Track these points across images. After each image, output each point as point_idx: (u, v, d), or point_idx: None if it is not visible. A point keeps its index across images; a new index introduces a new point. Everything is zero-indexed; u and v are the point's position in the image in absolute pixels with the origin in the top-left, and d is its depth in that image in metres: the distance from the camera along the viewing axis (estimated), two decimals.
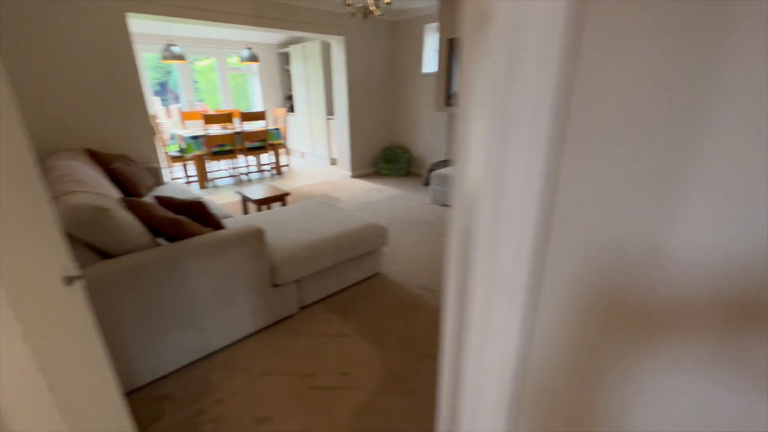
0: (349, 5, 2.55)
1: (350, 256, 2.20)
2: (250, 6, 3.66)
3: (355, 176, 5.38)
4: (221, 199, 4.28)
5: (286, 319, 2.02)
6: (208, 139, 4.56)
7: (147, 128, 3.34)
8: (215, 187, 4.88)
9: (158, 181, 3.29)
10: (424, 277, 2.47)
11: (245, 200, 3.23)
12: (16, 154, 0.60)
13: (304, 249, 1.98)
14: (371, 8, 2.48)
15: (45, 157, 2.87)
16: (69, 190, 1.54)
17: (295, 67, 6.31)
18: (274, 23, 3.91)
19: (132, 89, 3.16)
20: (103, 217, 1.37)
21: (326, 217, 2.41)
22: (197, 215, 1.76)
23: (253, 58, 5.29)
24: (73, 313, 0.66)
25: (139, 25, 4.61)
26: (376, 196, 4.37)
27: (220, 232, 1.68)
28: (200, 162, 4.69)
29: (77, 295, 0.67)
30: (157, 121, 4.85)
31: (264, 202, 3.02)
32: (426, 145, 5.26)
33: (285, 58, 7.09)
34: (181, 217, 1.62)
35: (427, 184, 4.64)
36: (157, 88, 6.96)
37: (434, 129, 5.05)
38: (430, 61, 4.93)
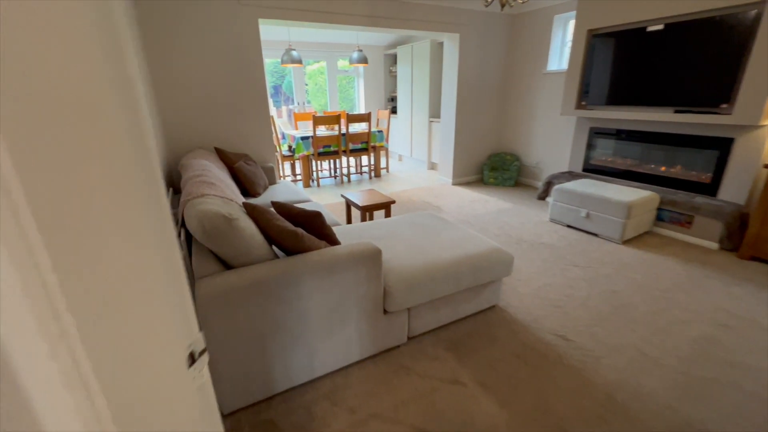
0: None
1: (470, 286, 1.88)
2: (367, 7, 3.58)
3: (456, 183, 5.02)
4: (324, 200, 4.34)
5: (393, 350, 1.79)
6: (315, 140, 4.68)
7: (267, 130, 3.49)
8: (318, 186, 5.00)
9: (272, 180, 3.40)
10: (555, 318, 2.02)
11: (349, 204, 3.14)
12: (155, 199, 0.42)
13: (420, 273, 1.72)
14: None
15: (182, 154, 3.15)
16: (200, 193, 1.52)
17: (401, 68, 6.19)
18: (390, 23, 3.77)
19: (258, 93, 3.31)
20: (229, 227, 1.30)
21: (440, 234, 2.12)
22: (313, 227, 1.63)
23: (363, 60, 5.29)
24: (199, 400, 0.49)
25: (262, 31, 4.93)
26: (482, 209, 3.95)
27: (336, 249, 1.52)
28: (307, 161, 4.85)
29: (204, 375, 0.50)
30: (276, 122, 5.17)
31: (369, 209, 2.88)
32: (542, 152, 4.62)
33: (391, 60, 7.05)
34: (299, 230, 1.50)
35: (543, 198, 4.05)
36: (272, 91, 7.54)
37: (554, 135, 4.40)
38: (557, 58, 4.30)
